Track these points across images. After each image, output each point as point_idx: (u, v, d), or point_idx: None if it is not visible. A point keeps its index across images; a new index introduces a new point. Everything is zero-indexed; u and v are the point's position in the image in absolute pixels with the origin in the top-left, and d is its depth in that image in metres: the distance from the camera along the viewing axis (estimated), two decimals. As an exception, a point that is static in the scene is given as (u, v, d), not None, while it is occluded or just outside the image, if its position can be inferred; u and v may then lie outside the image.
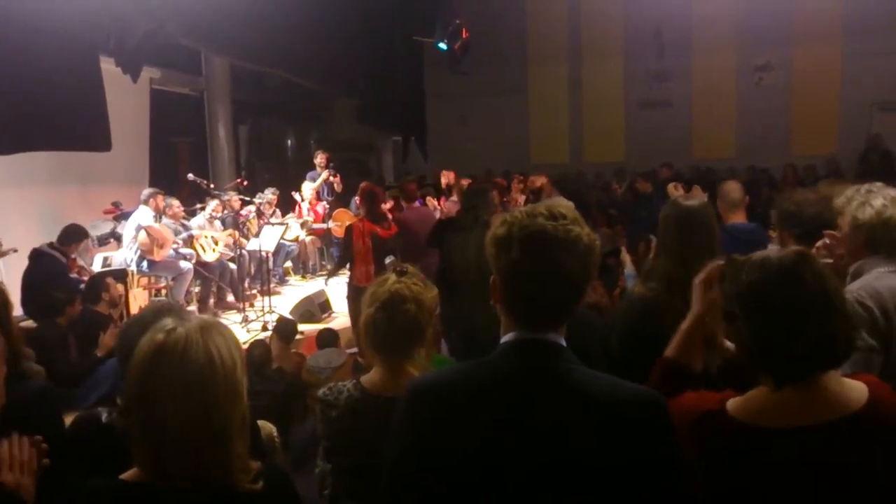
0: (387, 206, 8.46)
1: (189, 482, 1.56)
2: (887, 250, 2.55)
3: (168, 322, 1.65)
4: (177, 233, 9.11)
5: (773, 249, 1.73)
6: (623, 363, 2.28)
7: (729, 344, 1.94)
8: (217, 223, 9.94)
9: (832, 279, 1.63)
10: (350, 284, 7.06)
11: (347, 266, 7.36)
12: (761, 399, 1.63)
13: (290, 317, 8.02)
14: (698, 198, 2.97)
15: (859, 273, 2.58)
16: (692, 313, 1.95)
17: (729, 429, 1.62)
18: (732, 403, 1.65)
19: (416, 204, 8.07)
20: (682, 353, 1.94)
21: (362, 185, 7.56)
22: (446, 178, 9.70)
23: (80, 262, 7.87)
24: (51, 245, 7.27)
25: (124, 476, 1.63)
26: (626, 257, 4.91)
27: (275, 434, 3.97)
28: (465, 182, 9.36)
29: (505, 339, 1.63)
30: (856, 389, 1.62)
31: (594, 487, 1.51)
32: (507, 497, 1.54)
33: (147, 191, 8.96)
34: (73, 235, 7.45)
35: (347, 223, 7.64)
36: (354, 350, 6.40)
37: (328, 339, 6.58)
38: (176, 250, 8.85)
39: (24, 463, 1.91)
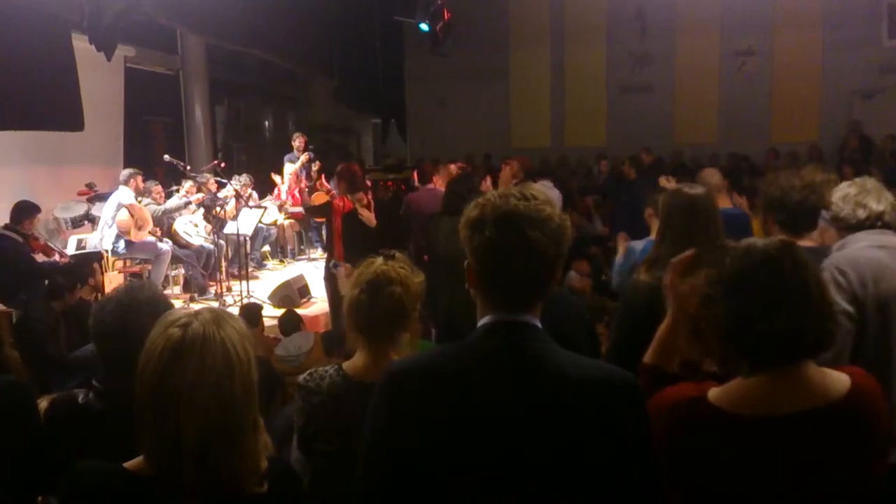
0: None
1: (196, 482, 1.49)
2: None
3: (179, 314, 1.57)
4: (158, 222, 8.99)
5: (759, 238, 1.77)
6: (627, 348, 2.30)
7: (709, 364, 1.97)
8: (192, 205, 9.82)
9: (814, 271, 1.66)
10: (328, 262, 7.06)
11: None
12: (742, 388, 1.66)
13: (255, 301, 7.96)
14: (700, 186, 3.03)
15: (843, 248, 2.77)
16: (668, 318, 2.00)
17: (709, 416, 1.64)
18: (713, 392, 1.68)
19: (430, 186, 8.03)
20: (660, 357, 1.98)
21: (341, 165, 7.52)
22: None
23: (45, 240, 7.68)
24: (6, 226, 7.09)
25: (128, 465, 1.56)
26: (621, 246, 4.88)
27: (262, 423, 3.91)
28: (452, 166, 9.27)
29: (481, 322, 1.66)
30: (838, 380, 1.66)
31: (570, 466, 1.54)
32: (484, 479, 1.55)
33: (126, 171, 8.80)
34: (24, 211, 7.22)
35: (326, 199, 7.58)
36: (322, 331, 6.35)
37: (291, 323, 6.45)
38: (158, 238, 8.74)
39: None
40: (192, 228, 9.35)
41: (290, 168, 11.38)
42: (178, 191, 9.80)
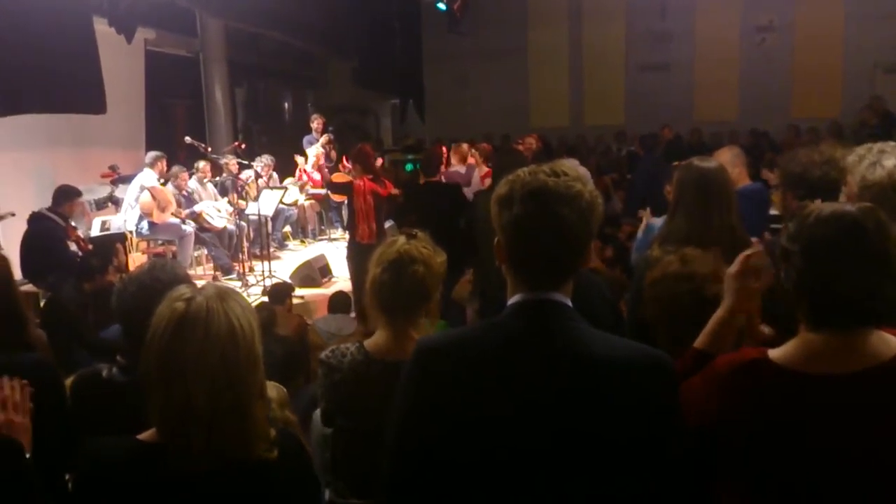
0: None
1: (206, 449, 1.55)
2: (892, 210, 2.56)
3: (183, 290, 1.62)
4: (179, 204, 9.07)
5: (844, 202, 1.74)
6: (645, 324, 2.29)
7: (766, 329, 1.99)
8: (210, 186, 9.88)
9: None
10: (351, 242, 7.10)
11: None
12: (804, 347, 1.66)
13: (285, 280, 8.01)
14: (714, 160, 2.99)
15: None
16: (725, 305, 1.95)
17: (773, 374, 1.64)
18: (774, 352, 1.68)
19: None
20: (714, 344, 1.94)
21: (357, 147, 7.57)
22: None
23: (80, 231, 7.78)
24: (49, 209, 7.22)
25: (141, 436, 1.62)
26: (643, 221, 4.83)
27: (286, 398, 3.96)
28: (465, 146, 9.29)
29: (511, 300, 1.63)
30: (889, 341, 1.66)
31: (601, 447, 1.52)
32: (514, 458, 1.54)
33: (152, 154, 8.90)
34: (65, 195, 7.33)
35: (348, 179, 7.63)
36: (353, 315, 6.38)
37: (341, 302, 6.50)
38: (182, 220, 8.81)
39: (15, 402, 1.90)
40: (215, 212, 9.43)
41: (312, 150, 11.42)
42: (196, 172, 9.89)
